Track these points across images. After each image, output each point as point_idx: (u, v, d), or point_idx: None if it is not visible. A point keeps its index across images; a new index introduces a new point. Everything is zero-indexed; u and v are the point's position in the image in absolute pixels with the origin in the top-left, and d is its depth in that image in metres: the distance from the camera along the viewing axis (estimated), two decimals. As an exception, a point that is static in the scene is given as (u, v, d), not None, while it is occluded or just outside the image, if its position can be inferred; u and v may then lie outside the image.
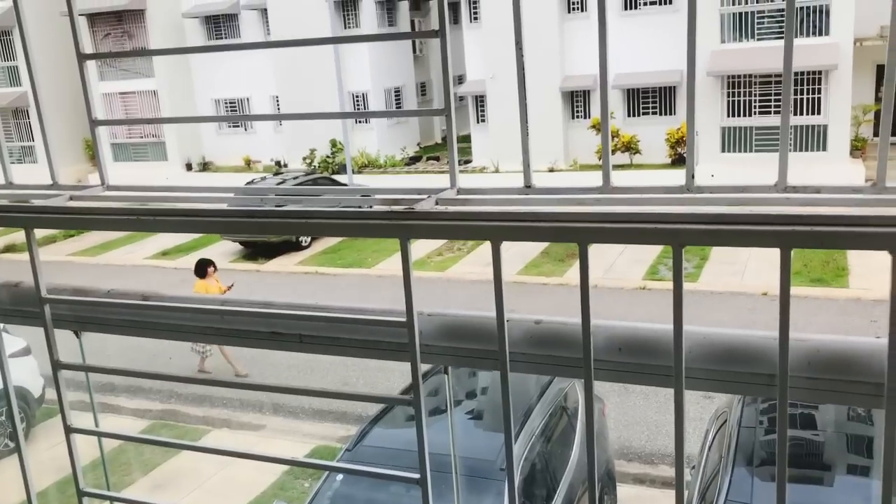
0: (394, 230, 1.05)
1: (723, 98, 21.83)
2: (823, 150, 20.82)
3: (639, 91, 23.84)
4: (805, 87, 20.91)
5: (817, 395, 0.99)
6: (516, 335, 1.14)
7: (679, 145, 22.44)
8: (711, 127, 21.93)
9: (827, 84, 20.69)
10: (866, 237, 0.88)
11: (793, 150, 20.84)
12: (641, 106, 24.09)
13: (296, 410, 10.58)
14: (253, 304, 1.28)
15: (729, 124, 21.94)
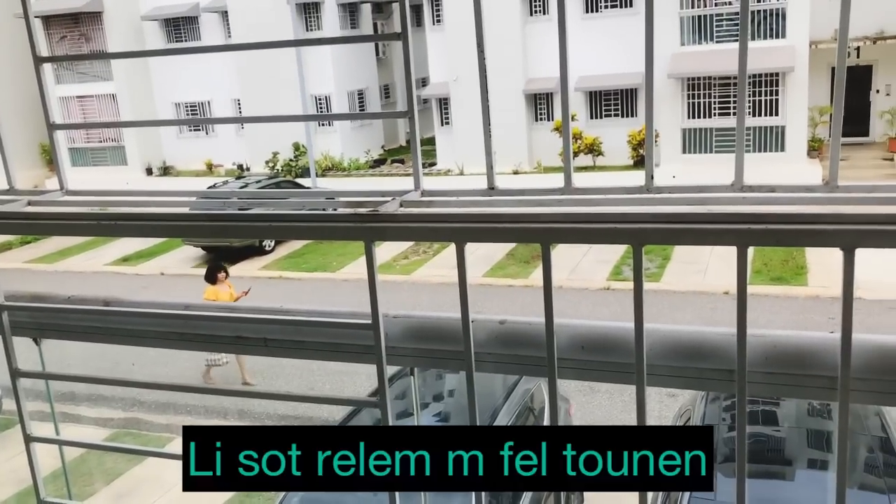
0: (358, 233, 1.05)
1: (683, 100, 22.14)
2: (781, 151, 21.22)
3: (601, 93, 24.07)
4: (763, 88, 21.29)
5: (774, 389, 1.01)
6: (481, 336, 1.15)
7: (641, 147, 22.69)
8: (672, 128, 22.22)
9: (784, 86, 21.09)
10: (820, 235, 0.90)
11: (752, 150, 21.27)
12: (603, 108, 24.33)
13: (261, 416, 10.49)
14: (217, 309, 1.27)
15: (689, 126, 22.25)
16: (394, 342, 1.16)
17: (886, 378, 0.96)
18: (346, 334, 1.19)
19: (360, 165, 27.37)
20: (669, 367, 1.04)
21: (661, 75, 21.53)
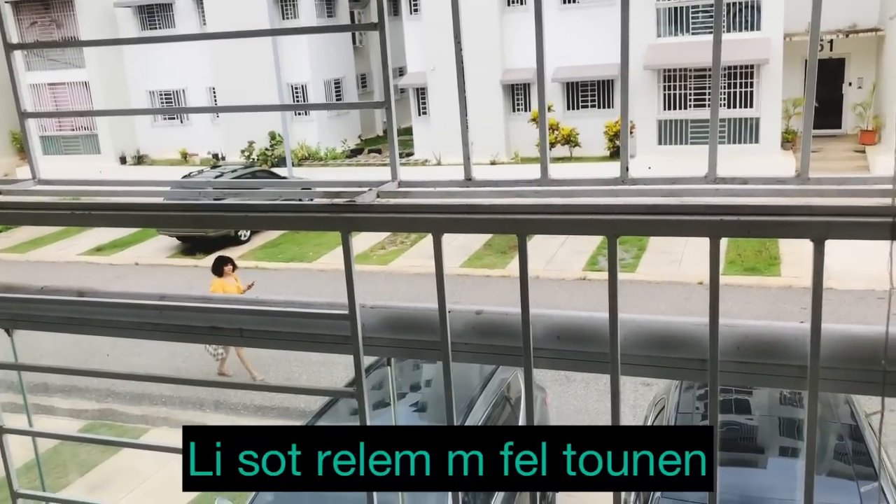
0: (335, 223, 1.05)
1: (659, 91, 22.25)
2: (756, 143, 21.40)
3: (578, 84, 24.12)
4: (738, 80, 21.45)
5: (746, 378, 1.03)
6: (458, 326, 1.15)
7: (618, 138, 22.79)
8: (648, 120, 22.33)
9: (759, 78, 21.26)
10: (790, 226, 0.92)
11: (727, 142, 21.43)
12: (580, 99, 24.38)
13: (237, 407, 10.44)
14: (192, 299, 1.26)
15: (665, 117, 22.38)
16: (370, 332, 1.16)
17: (854, 367, 0.98)
18: (323, 324, 1.19)
19: (337, 155, 27.23)
20: (643, 356, 1.05)
21: (637, 67, 21.61)
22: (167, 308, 1.26)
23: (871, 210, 0.90)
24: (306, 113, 27.95)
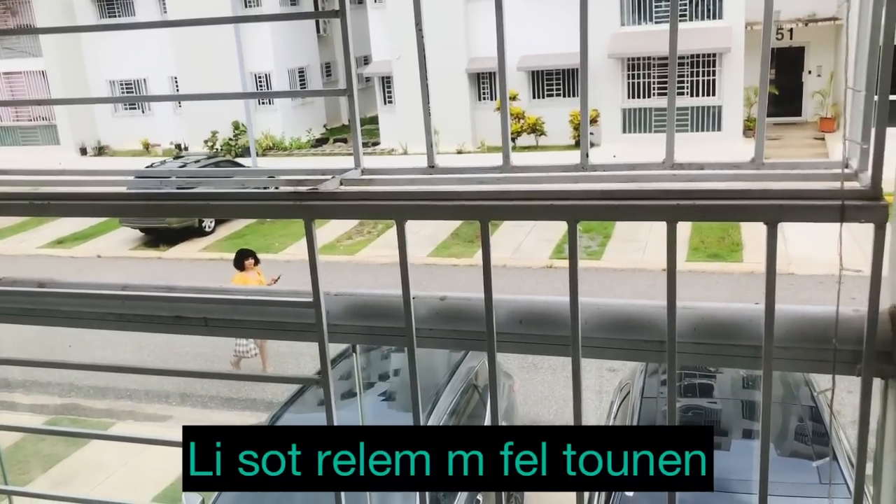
0: (297, 211, 1.05)
1: (623, 80, 22.41)
2: (718, 131, 21.68)
3: (543, 73, 24.20)
4: (700, 69, 21.69)
5: (703, 358, 1.05)
6: (422, 312, 1.16)
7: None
8: (612, 108, 22.49)
9: (721, 66, 21.51)
10: (745, 210, 0.94)
11: (690, 130, 21.67)
12: (546, 88, 24.47)
13: (204, 399, 10.35)
14: (155, 289, 1.26)
15: (629, 105, 22.56)
16: (335, 320, 1.17)
17: (807, 346, 1.01)
18: (288, 312, 1.20)
19: (302, 145, 27.03)
20: (604, 338, 1.07)
21: (602, 55, 21.74)
22: (130, 298, 1.25)
23: (821, 193, 0.93)
24: (270, 102, 27.67)
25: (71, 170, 1.32)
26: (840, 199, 0.91)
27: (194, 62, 26.50)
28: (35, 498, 1.47)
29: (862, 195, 0.91)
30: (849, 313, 1.00)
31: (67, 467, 8.80)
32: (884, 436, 1.03)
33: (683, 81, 21.82)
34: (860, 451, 0.99)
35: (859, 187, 0.94)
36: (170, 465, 8.43)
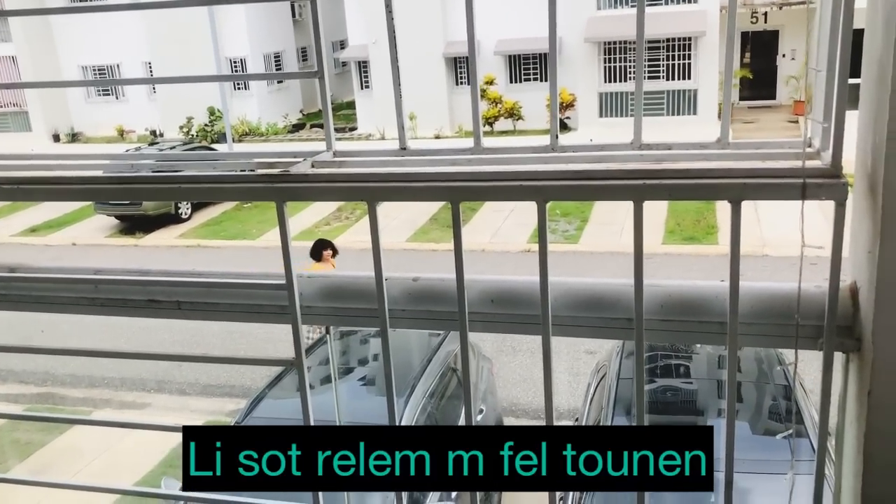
0: (269, 193, 1.06)
1: (600, 64, 22.44)
2: (694, 114, 21.81)
3: (520, 57, 24.17)
4: (676, 52, 21.78)
5: (670, 335, 1.07)
6: (395, 293, 1.17)
7: (561, 111, 22.96)
8: (589, 92, 22.53)
9: (696, 50, 21.61)
10: (709, 188, 0.96)
11: (665, 113, 21.77)
12: (523, 72, 24.45)
13: (182, 386, 10.31)
14: (128, 273, 1.26)
15: (606, 90, 22.61)
16: (308, 302, 1.18)
17: (771, 321, 1.03)
18: (261, 295, 1.20)
19: (279, 130, 26.84)
20: (573, 317, 1.09)
21: (578, 39, 21.76)
22: (103, 282, 1.25)
23: (783, 172, 0.95)
24: (246, 87, 27.44)
25: (41, 154, 1.31)
26: (802, 177, 0.93)
27: (168, 47, 26.20)
28: (14, 484, 1.47)
29: (823, 173, 0.94)
30: (811, 289, 1.02)
31: (45, 455, 8.74)
32: (845, 408, 1.06)
33: (659, 65, 21.91)
34: (822, 423, 1.02)
35: (821, 166, 0.96)
36: (148, 452, 8.41)
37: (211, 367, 10.52)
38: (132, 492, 3.41)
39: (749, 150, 1.06)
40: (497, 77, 23.84)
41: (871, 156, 0.94)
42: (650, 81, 21.80)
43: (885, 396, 0.96)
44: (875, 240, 0.93)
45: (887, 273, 0.93)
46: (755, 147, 1.07)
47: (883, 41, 0.89)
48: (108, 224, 18.98)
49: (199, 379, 10.38)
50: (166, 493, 1.53)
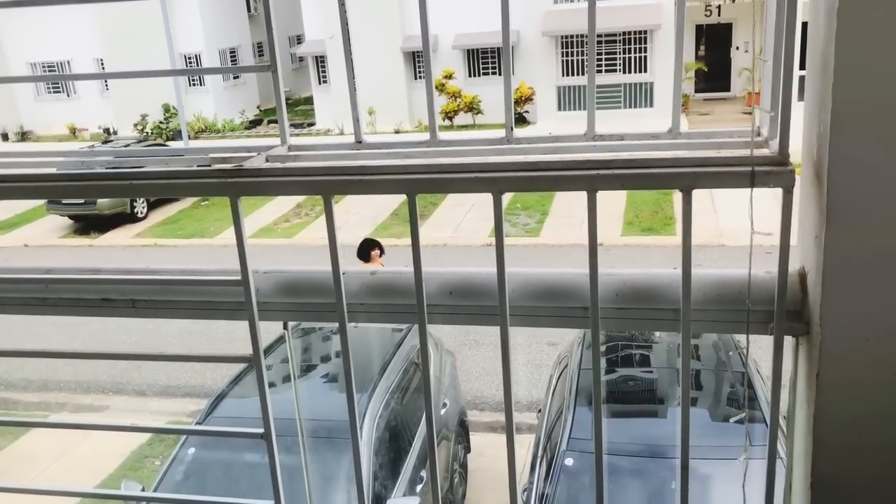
0: (222, 188, 1.05)
1: (557, 57, 22.58)
2: (651, 107, 22.06)
3: (478, 51, 24.21)
4: (632, 46, 22.00)
5: (625, 323, 1.09)
6: (353, 287, 1.17)
7: (518, 105, 23.05)
8: (547, 86, 22.66)
9: (652, 43, 21.86)
10: (660, 177, 0.97)
11: (623, 106, 22.00)
12: (482, 66, 24.49)
13: (141, 388, 10.16)
14: (81, 271, 1.23)
15: (564, 83, 22.76)
16: (265, 297, 1.17)
17: (723, 307, 1.05)
18: (217, 291, 1.19)
19: (235, 126, 26.53)
20: (530, 307, 1.10)
21: (535, 33, 21.86)
22: (54, 281, 1.23)
23: (733, 160, 0.96)
24: (201, 84, 27.06)
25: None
26: (750, 165, 0.95)
27: (121, 43, 25.70)
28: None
29: (771, 161, 0.96)
30: (761, 275, 1.04)
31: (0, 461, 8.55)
32: (795, 391, 1.08)
33: (616, 58, 22.12)
34: (773, 406, 1.04)
35: (769, 154, 0.98)
36: (108, 456, 8.28)
37: (170, 368, 10.39)
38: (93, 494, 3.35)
39: (700, 140, 1.08)
40: (456, 71, 23.84)
41: (816, 144, 0.97)
42: (607, 75, 22.00)
43: (832, 378, 0.99)
44: (821, 225, 0.95)
45: (833, 258, 0.95)
46: (706, 137, 1.09)
47: (825, 32, 0.91)
48: (62, 224, 18.59)
49: (159, 380, 10.24)
50: (126, 494, 1.51)
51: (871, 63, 0.89)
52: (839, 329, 0.97)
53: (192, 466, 5.88)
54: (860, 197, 0.93)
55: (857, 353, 0.98)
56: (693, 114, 22.02)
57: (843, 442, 1.01)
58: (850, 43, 0.89)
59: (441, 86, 23.29)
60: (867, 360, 0.98)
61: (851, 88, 0.90)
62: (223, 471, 5.86)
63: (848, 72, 0.90)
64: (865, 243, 0.94)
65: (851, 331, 0.97)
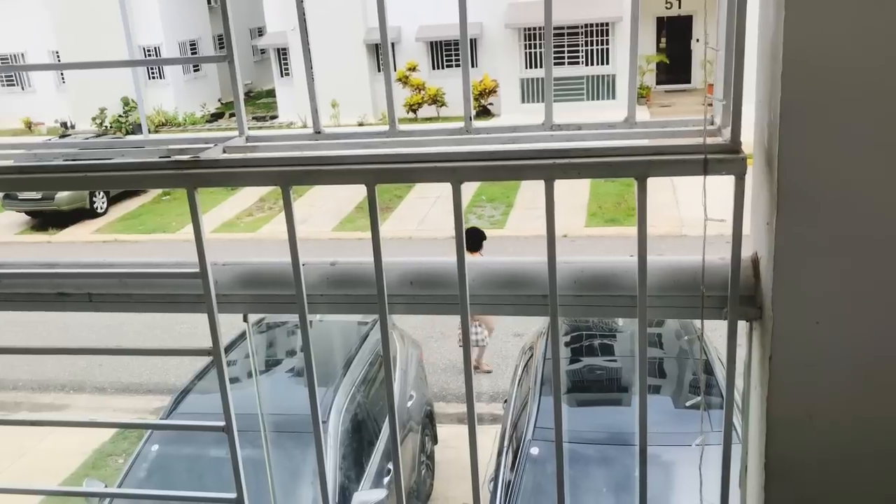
0: (179, 180, 1.04)
1: (520, 50, 22.63)
2: (613, 98, 22.23)
3: (442, 43, 24.16)
4: (594, 38, 22.14)
5: (584, 310, 1.10)
6: (313, 278, 1.17)
7: (482, 97, 23.08)
8: (511, 78, 22.70)
9: (613, 35, 22.02)
10: (616, 166, 0.99)
11: (586, 98, 22.14)
12: (445, 58, 24.45)
13: (103, 385, 10.01)
14: (35, 265, 1.21)
15: (528, 76, 22.82)
16: (224, 290, 1.16)
17: (678, 293, 1.07)
18: (176, 284, 1.18)
19: (197, 120, 26.17)
20: (490, 295, 1.11)
21: (498, 25, 21.89)
22: (7, 276, 1.20)
23: (686, 149, 0.98)
24: (161, 76, 26.65)
25: (-65, 145, 1.26)
26: (703, 153, 0.96)
27: (77, 35, 25.17)
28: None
29: (723, 149, 0.97)
30: (715, 261, 1.06)
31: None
32: (750, 374, 1.11)
33: (578, 51, 22.23)
34: (728, 389, 1.06)
35: (721, 142, 0.99)
36: (69, 455, 8.14)
37: (133, 366, 10.24)
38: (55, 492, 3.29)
39: (655, 129, 1.09)
40: (419, 63, 23.77)
41: (767, 131, 0.99)
42: (570, 67, 22.11)
43: (784, 361, 1.01)
44: (772, 212, 0.97)
45: (784, 244, 0.97)
46: (661, 126, 1.11)
47: (774, 21, 0.93)
48: (19, 221, 18.22)
49: (121, 378, 10.10)
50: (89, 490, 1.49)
51: (820, 52, 0.91)
52: (790, 313, 1.00)
53: (157, 463, 5.81)
54: (810, 184, 0.96)
55: (808, 336, 1.00)
56: (655, 105, 22.23)
57: (794, 423, 1.03)
58: (798, 32, 0.91)
59: (405, 78, 23.21)
60: (818, 342, 1.00)
61: (800, 77, 0.92)
62: (188, 467, 5.80)
63: (797, 61, 0.91)
64: (815, 229, 0.97)
65: (802, 314, 1.00)
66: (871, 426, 1.03)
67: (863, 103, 0.92)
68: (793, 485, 1.05)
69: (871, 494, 1.06)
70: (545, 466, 5.44)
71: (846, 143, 0.93)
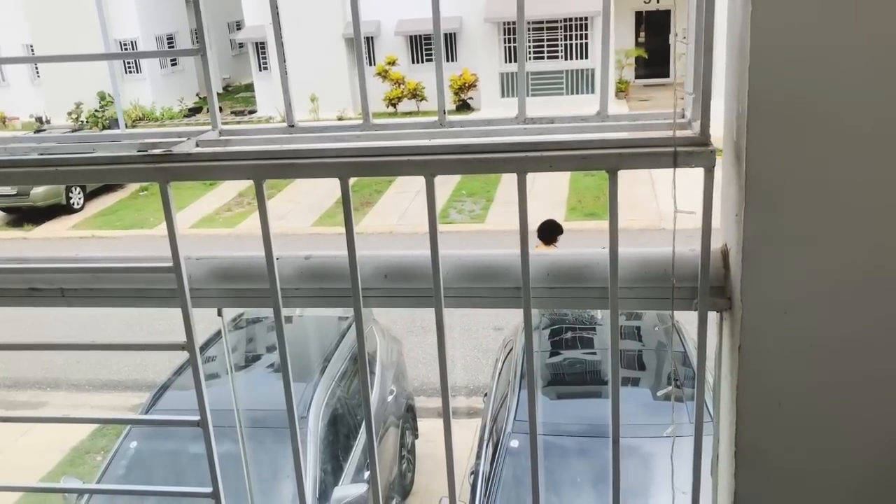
0: (152, 174, 1.04)
1: (500, 44, 22.63)
2: (591, 93, 22.30)
3: (421, 38, 24.11)
4: (573, 32, 22.18)
5: (557, 302, 1.11)
6: (287, 272, 1.17)
7: (462, 91, 23.07)
8: (491, 73, 22.70)
9: (592, 30, 22.08)
10: (588, 159, 1.00)
11: (565, 92, 22.19)
12: (425, 52, 24.41)
13: (80, 383, 9.92)
14: (6, 260, 1.20)
15: (507, 70, 22.83)
16: (198, 284, 1.16)
17: (649, 285, 1.08)
18: (149, 279, 1.18)
19: (174, 115, 25.94)
20: (464, 288, 1.11)
21: (478, 20, 21.87)
22: (-23, 272, 1.19)
23: (656, 142, 0.99)
24: (138, 70, 26.39)
25: None
26: (673, 146, 0.97)
27: (52, 28, 24.85)
28: None
29: (693, 142, 0.98)
30: (686, 253, 1.08)
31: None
32: (720, 364, 1.12)
33: (557, 45, 22.27)
34: (699, 379, 1.08)
35: (691, 135, 1.01)
36: (47, 452, 8.07)
37: (111, 362, 10.16)
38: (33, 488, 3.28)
39: (626, 122, 1.10)
40: (399, 58, 23.71)
41: (735, 125, 1.00)
42: (549, 61, 22.14)
43: (753, 351, 1.03)
44: (741, 204, 0.99)
45: (752, 235, 0.99)
46: (632, 119, 1.12)
47: (742, 14, 0.94)
48: (-7, 217, 18.00)
49: (99, 375, 10.01)
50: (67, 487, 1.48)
51: (786, 46, 0.93)
52: (759, 303, 1.01)
53: (135, 460, 5.78)
54: (777, 176, 0.97)
55: (777, 326, 1.02)
56: (633, 100, 22.33)
57: (764, 412, 1.05)
58: (765, 26, 0.92)
59: (384, 72, 23.14)
60: (786, 332, 1.02)
61: (767, 71, 0.93)
62: (167, 463, 5.77)
63: (763, 54, 0.93)
64: (783, 221, 0.98)
65: (771, 305, 1.01)
66: (839, 413, 1.05)
67: (829, 96, 0.94)
68: (763, 472, 1.07)
69: (839, 481, 1.08)
70: (525, 459, 5.47)
71: (813, 136, 0.95)
